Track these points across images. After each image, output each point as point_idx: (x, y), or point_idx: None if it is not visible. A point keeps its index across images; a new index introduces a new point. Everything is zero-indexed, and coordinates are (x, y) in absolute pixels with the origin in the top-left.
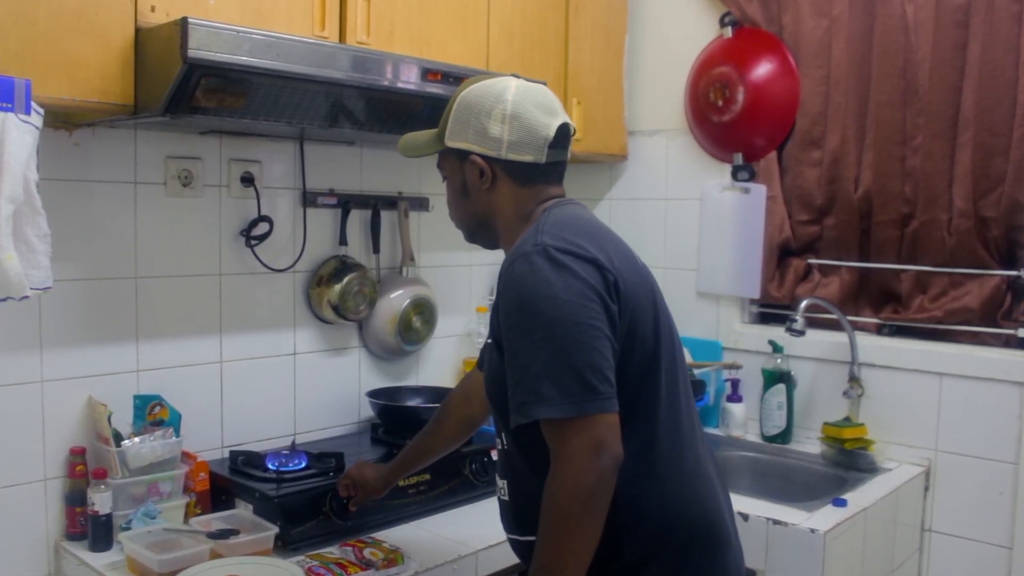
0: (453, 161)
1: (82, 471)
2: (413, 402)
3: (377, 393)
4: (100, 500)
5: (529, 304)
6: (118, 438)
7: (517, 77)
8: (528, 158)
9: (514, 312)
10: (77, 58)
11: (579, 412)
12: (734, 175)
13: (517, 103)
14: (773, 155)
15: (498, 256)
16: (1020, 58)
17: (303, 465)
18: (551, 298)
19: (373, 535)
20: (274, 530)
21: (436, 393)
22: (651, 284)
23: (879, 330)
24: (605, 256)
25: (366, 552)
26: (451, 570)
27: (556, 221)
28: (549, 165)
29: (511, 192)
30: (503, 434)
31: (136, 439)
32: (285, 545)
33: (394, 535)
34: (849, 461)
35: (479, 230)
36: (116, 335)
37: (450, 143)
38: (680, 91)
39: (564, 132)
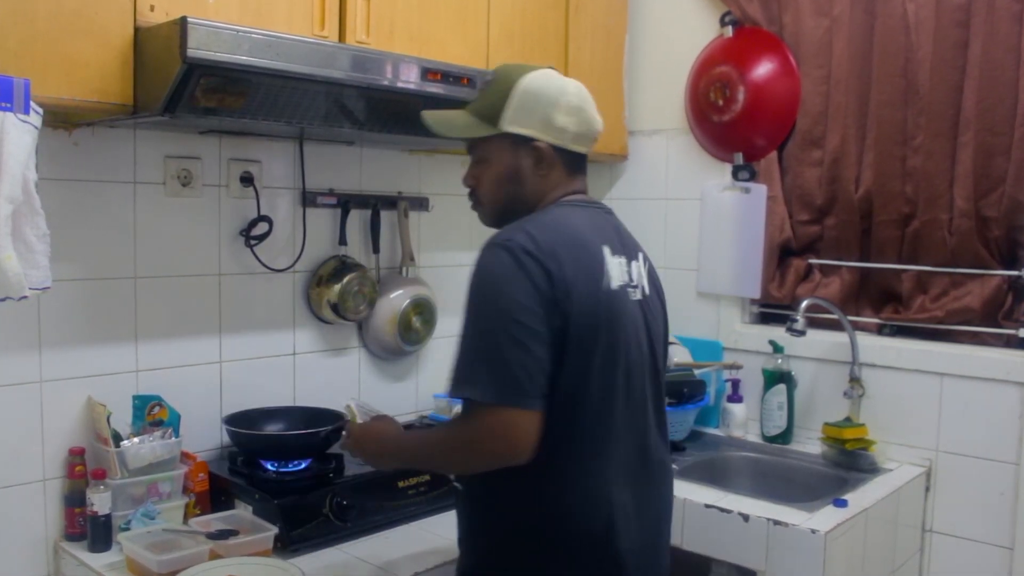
0: (502, 145)
1: (81, 471)
2: (274, 428)
3: (237, 418)
4: (99, 500)
5: (483, 293)
6: (117, 438)
7: (554, 69)
8: (582, 149)
9: (471, 296)
10: (76, 57)
11: (498, 401)
12: (734, 175)
13: (580, 97)
14: (773, 155)
15: None
16: (1021, 58)
17: (303, 466)
18: (503, 294)
19: None
20: (273, 531)
21: (308, 415)
22: (606, 305)
23: (880, 330)
24: (568, 270)
25: None
26: (451, 571)
27: (545, 221)
28: (586, 158)
29: (560, 179)
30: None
31: (135, 439)
32: (285, 546)
33: (393, 536)
34: (850, 461)
35: (513, 214)
36: (115, 335)
37: (510, 129)
38: (680, 91)
39: None
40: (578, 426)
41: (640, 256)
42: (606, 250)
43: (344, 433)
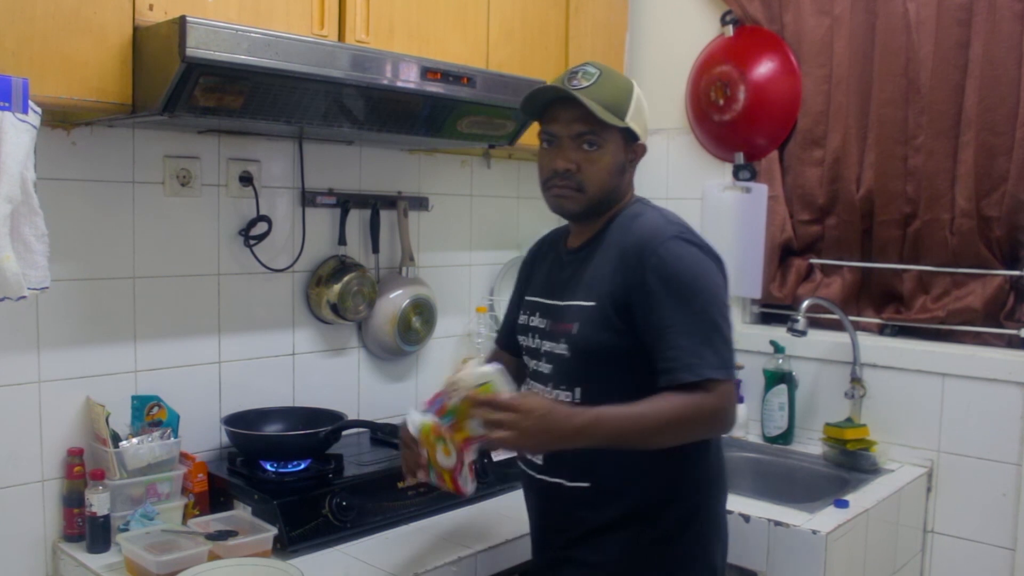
0: (618, 138)
1: (80, 472)
2: (273, 428)
3: (236, 419)
4: (98, 501)
5: (694, 280)
6: (116, 439)
7: None
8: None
9: (681, 285)
10: (75, 57)
11: (729, 377)
12: (735, 174)
13: None
14: (774, 154)
15: (498, 256)
16: (1023, 57)
17: (302, 467)
18: (707, 279)
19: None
20: (273, 531)
21: (306, 416)
22: None
23: (881, 330)
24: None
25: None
26: (451, 571)
27: (666, 215)
28: None
29: (631, 177)
30: (576, 389)
31: (134, 440)
32: (284, 547)
33: (393, 537)
34: (851, 462)
35: (603, 204)
36: (114, 335)
37: (632, 124)
38: (681, 90)
39: None
40: None
41: None
42: None
43: (495, 409)
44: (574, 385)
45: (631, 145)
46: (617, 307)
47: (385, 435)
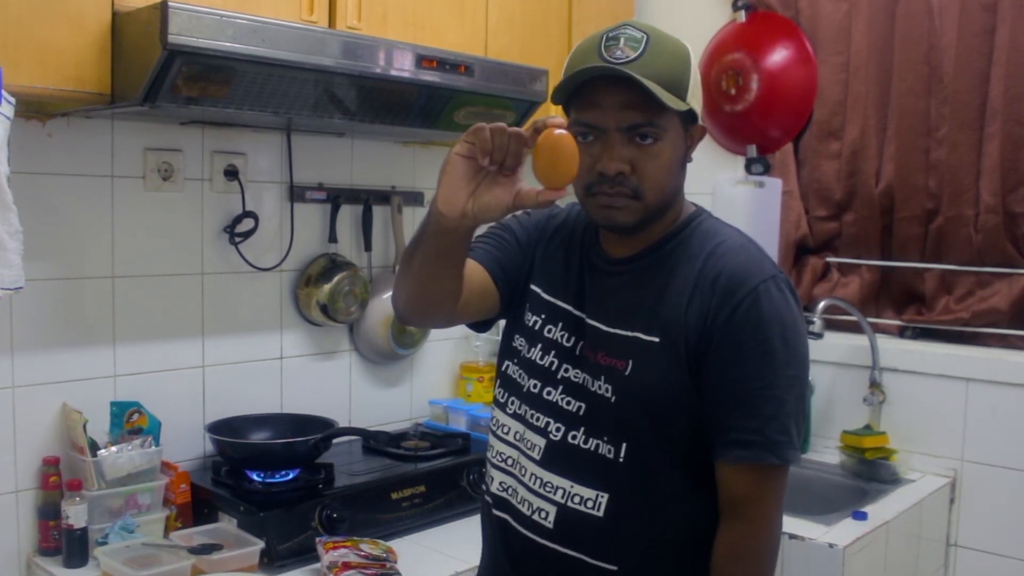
0: (677, 124)
1: (56, 482)
2: (260, 436)
3: (221, 426)
4: (75, 513)
5: (791, 338)
6: (94, 447)
7: None
8: None
9: (771, 341)
10: (51, 44)
11: (795, 462)
12: (748, 168)
13: None
14: (789, 147)
15: None
16: None
17: (290, 476)
18: (804, 341)
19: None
20: (259, 545)
21: (295, 423)
22: None
23: (901, 332)
24: None
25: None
26: None
27: (749, 240)
28: None
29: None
30: (623, 445)
31: (113, 448)
32: (271, 561)
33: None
34: (870, 472)
35: (662, 212)
36: (92, 338)
37: (692, 103)
38: None
39: None
40: None
41: None
42: None
43: None
44: (620, 439)
45: (690, 130)
46: (689, 349)
47: (378, 443)
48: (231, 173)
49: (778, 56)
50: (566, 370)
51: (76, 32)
